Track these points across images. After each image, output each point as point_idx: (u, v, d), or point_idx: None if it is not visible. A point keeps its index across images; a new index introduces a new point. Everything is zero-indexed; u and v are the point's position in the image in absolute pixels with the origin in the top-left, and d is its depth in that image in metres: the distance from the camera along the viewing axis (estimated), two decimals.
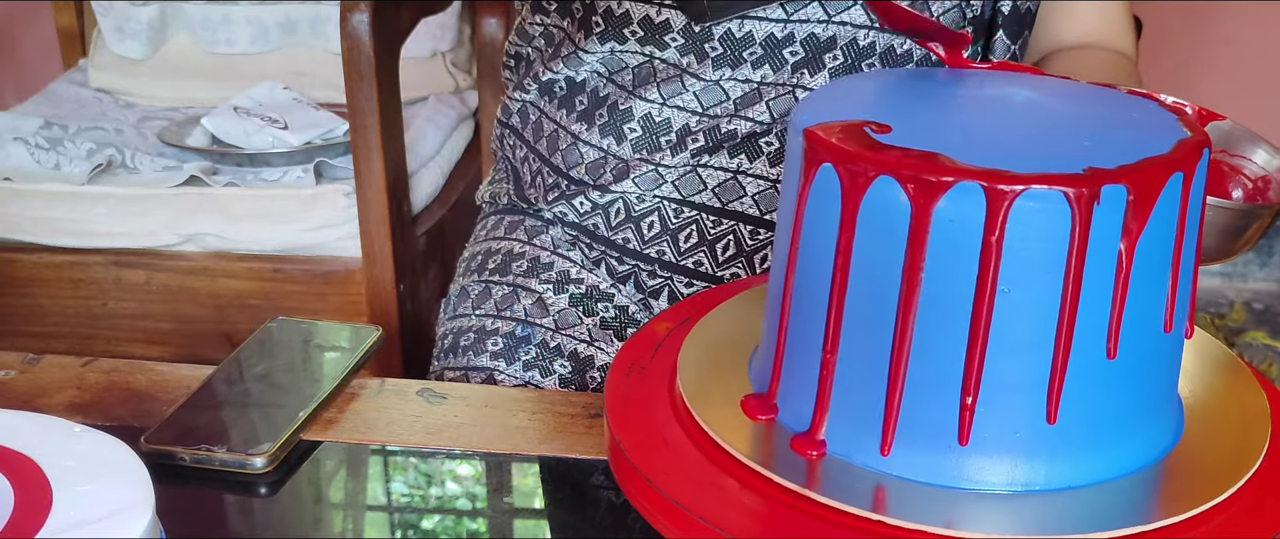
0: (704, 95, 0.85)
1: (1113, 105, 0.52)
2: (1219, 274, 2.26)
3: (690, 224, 0.86)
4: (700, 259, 0.86)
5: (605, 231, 0.89)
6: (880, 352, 0.46)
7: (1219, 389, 0.54)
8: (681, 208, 0.86)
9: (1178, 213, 0.45)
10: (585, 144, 0.89)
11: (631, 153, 0.87)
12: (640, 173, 0.87)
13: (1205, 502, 0.45)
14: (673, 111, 0.86)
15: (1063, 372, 0.45)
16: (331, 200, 1.50)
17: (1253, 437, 0.50)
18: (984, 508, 0.45)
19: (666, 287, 0.88)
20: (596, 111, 0.89)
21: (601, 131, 0.88)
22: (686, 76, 0.85)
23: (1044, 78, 0.54)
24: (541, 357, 0.87)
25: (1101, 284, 0.44)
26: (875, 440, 0.47)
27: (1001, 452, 0.46)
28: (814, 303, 0.47)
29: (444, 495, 0.61)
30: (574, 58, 0.89)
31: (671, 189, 0.86)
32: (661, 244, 0.87)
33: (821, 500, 0.45)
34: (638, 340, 0.58)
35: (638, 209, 0.87)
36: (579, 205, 0.89)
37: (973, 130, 0.48)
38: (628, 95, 0.87)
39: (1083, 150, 0.45)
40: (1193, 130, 0.47)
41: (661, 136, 0.86)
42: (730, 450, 0.48)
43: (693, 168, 0.86)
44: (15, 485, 0.47)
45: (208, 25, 1.91)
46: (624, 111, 0.87)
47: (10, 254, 1.55)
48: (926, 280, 0.44)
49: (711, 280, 0.87)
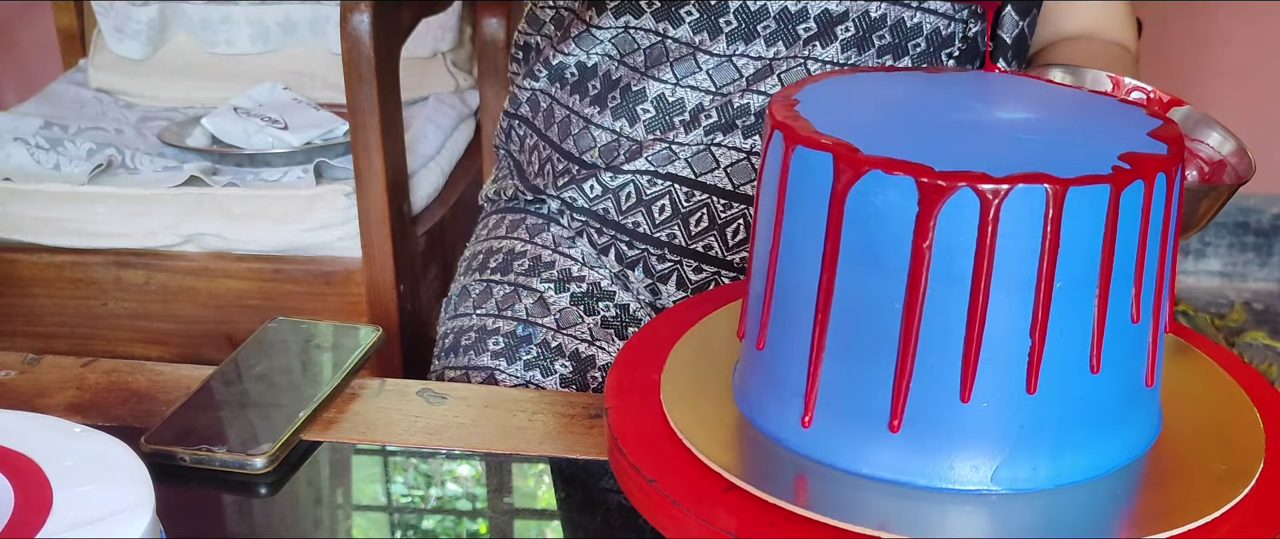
0: (717, 73, 0.85)
1: (1091, 107, 0.52)
2: (1219, 274, 2.26)
3: (701, 208, 0.86)
4: (710, 243, 0.86)
5: (616, 216, 0.89)
6: (862, 354, 0.46)
7: (1189, 382, 0.54)
8: (693, 191, 0.86)
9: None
10: (598, 127, 0.89)
11: (645, 134, 0.87)
12: (654, 151, 0.87)
13: (1185, 510, 0.45)
14: (686, 91, 0.86)
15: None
16: (331, 200, 1.50)
17: (1237, 436, 0.50)
18: (965, 509, 0.45)
19: (676, 271, 0.88)
20: (608, 94, 0.89)
21: (614, 114, 0.88)
22: (699, 54, 0.85)
23: (1018, 79, 0.55)
24: (542, 356, 0.87)
25: (1078, 282, 0.44)
26: (851, 441, 0.47)
27: (980, 452, 0.46)
28: (797, 306, 0.47)
29: (444, 495, 0.61)
30: (586, 37, 0.89)
31: (684, 166, 0.86)
32: (672, 227, 0.87)
33: (808, 515, 0.45)
34: (638, 340, 0.58)
35: (649, 193, 0.87)
36: (589, 190, 0.89)
37: (956, 136, 0.48)
38: (640, 76, 0.87)
39: (1062, 150, 0.46)
40: (1165, 137, 0.47)
41: (675, 116, 0.86)
42: (715, 467, 0.48)
43: (706, 146, 0.86)
44: (15, 485, 0.47)
45: (208, 25, 1.91)
46: (637, 93, 0.87)
47: (10, 254, 1.54)
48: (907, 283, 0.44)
49: (721, 264, 0.87)
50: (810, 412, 0.47)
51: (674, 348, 0.56)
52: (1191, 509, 0.45)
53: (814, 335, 0.47)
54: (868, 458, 0.47)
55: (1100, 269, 0.44)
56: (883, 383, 0.45)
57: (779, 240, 0.47)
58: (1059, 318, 0.44)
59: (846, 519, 0.44)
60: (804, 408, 0.47)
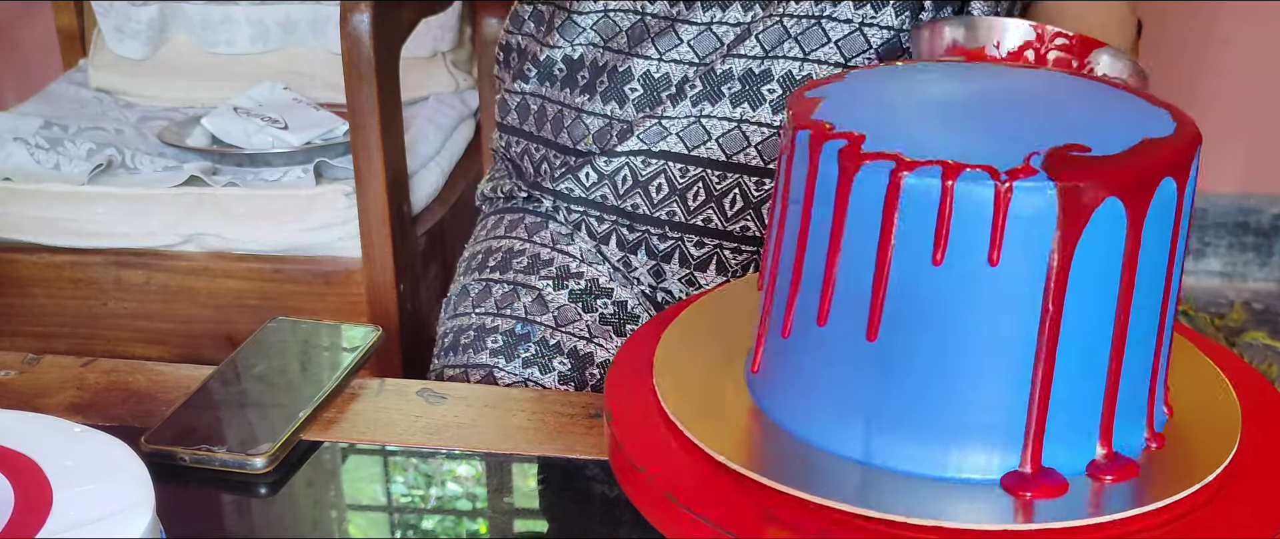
0: (697, 43, 0.86)
1: (1098, 96, 0.52)
2: (1219, 274, 2.26)
3: (696, 182, 0.87)
4: (709, 216, 0.87)
5: (614, 200, 0.89)
6: (866, 344, 0.46)
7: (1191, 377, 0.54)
8: (687, 166, 0.87)
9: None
10: (590, 114, 0.90)
11: (635, 113, 0.88)
12: (645, 129, 0.87)
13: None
14: (670, 65, 0.87)
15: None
16: (331, 200, 1.50)
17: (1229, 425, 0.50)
18: (970, 498, 0.45)
19: (677, 249, 0.89)
20: (597, 80, 0.90)
21: (603, 98, 0.89)
22: (679, 25, 0.86)
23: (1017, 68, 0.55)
24: (541, 354, 0.87)
25: (1094, 278, 0.44)
26: (860, 432, 0.47)
27: (986, 442, 0.46)
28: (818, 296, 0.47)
29: (444, 495, 0.61)
30: (569, 26, 0.90)
31: (677, 141, 0.87)
32: (671, 205, 0.88)
33: (812, 499, 0.45)
34: (637, 339, 0.58)
35: (644, 174, 0.88)
36: (585, 178, 0.90)
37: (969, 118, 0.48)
38: (625, 57, 0.88)
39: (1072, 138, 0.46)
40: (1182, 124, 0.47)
41: (662, 92, 0.87)
42: (719, 458, 0.48)
43: (696, 119, 0.86)
44: (15, 485, 0.47)
45: (208, 25, 1.91)
46: (623, 73, 0.88)
47: (10, 254, 1.54)
48: (925, 273, 0.44)
49: (722, 236, 0.87)
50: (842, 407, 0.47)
51: (674, 348, 0.56)
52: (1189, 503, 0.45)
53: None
54: (883, 450, 0.47)
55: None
56: (924, 381, 0.46)
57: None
58: (1073, 319, 0.44)
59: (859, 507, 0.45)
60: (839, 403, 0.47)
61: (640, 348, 0.57)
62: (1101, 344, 0.45)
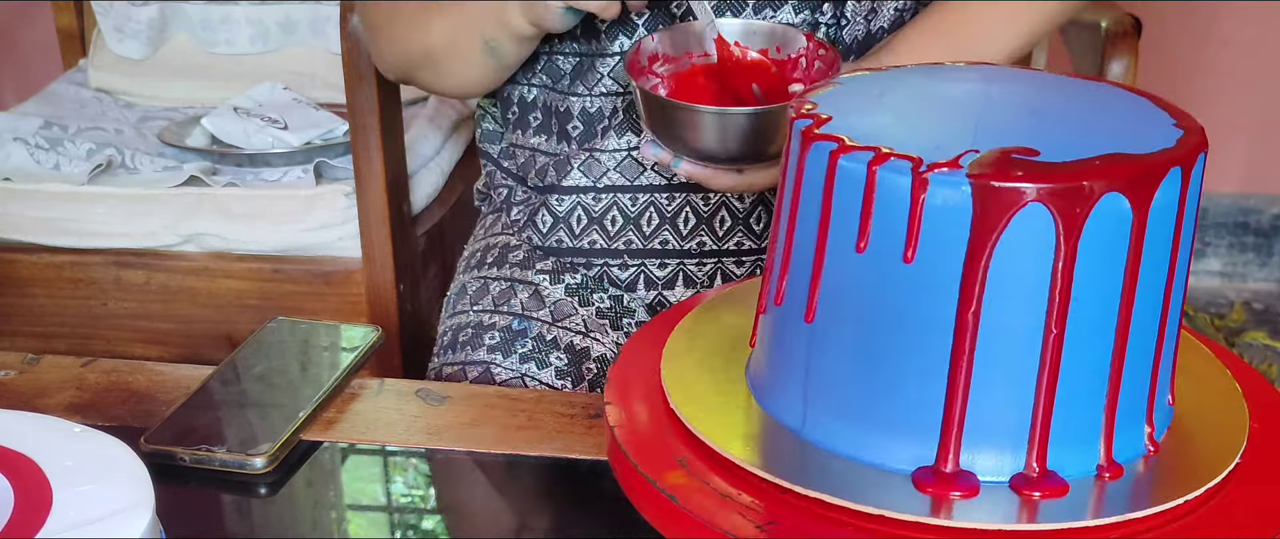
0: (618, 73, 0.87)
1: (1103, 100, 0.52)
2: (1219, 274, 2.26)
3: (648, 207, 0.88)
4: (666, 238, 0.88)
5: (570, 241, 0.90)
6: (868, 345, 0.46)
7: (1198, 379, 0.54)
8: (636, 195, 0.88)
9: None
10: (542, 153, 0.92)
11: (576, 149, 0.89)
12: (581, 161, 0.89)
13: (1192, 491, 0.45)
14: (601, 99, 0.88)
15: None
16: (331, 200, 1.50)
17: (1235, 428, 0.50)
18: (975, 499, 0.45)
19: (641, 274, 0.90)
20: (549, 121, 0.92)
21: (556, 138, 0.91)
22: (598, 59, 0.87)
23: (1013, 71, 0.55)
24: (537, 349, 0.88)
25: (1096, 280, 0.44)
26: (862, 431, 0.47)
27: (992, 443, 0.46)
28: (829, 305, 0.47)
29: (444, 495, 0.61)
30: (527, 68, 0.91)
31: (618, 176, 0.88)
32: (627, 234, 0.89)
33: (816, 496, 0.45)
34: (637, 339, 0.58)
35: (596, 210, 0.89)
36: (541, 222, 0.91)
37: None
38: (563, 97, 0.89)
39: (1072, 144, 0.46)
40: (1187, 128, 0.47)
41: (598, 125, 0.88)
42: (725, 454, 0.48)
43: (628, 152, 0.88)
44: (15, 485, 0.47)
45: (208, 25, 1.90)
46: (563, 113, 0.89)
47: (10, 254, 1.54)
48: (924, 275, 0.44)
49: (682, 255, 0.89)
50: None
51: (672, 346, 0.56)
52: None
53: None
54: (882, 450, 0.47)
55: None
56: (923, 381, 0.46)
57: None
58: (1078, 319, 0.44)
59: (857, 502, 0.45)
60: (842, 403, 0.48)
61: (640, 348, 0.57)
62: (1102, 345, 0.45)
